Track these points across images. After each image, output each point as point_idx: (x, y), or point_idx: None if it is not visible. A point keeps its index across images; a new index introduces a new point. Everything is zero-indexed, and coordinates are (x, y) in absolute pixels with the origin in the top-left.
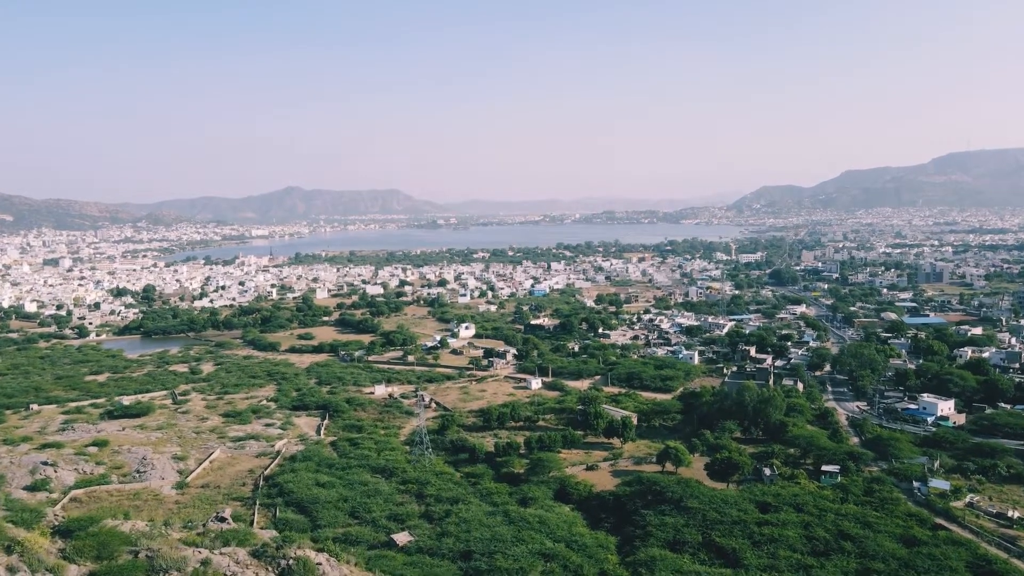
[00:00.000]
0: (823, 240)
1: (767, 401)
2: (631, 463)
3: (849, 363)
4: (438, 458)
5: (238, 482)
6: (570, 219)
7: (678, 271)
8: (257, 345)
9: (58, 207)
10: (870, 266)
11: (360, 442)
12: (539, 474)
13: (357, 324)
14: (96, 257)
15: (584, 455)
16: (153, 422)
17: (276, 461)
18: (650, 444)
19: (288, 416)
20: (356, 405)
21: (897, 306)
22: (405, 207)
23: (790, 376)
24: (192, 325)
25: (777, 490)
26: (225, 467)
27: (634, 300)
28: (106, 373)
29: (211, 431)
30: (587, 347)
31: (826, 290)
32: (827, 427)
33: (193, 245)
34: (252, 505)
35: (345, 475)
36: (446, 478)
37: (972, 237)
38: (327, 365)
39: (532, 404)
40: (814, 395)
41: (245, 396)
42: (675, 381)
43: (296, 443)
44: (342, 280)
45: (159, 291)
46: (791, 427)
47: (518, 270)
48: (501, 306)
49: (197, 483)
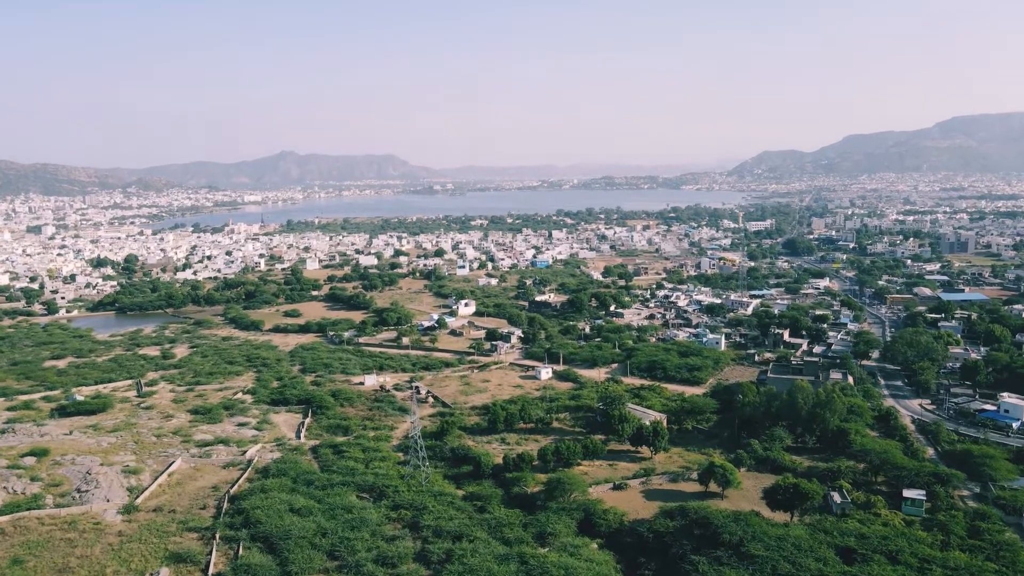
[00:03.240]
0: (830, 207)
1: (825, 404)
2: (666, 480)
3: (904, 352)
4: (436, 471)
5: (198, 503)
6: (568, 185)
7: (685, 240)
8: (239, 324)
9: (45, 172)
10: (887, 235)
11: (345, 449)
12: (558, 497)
13: (348, 300)
14: (82, 224)
15: (609, 469)
16: (110, 420)
17: (246, 475)
18: (685, 454)
19: (265, 413)
20: (343, 399)
21: (928, 279)
22: (401, 172)
23: (837, 368)
24: (171, 300)
25: (857, 527)
26: (185, 482)
27: (643, 272)
28: (69, 357)
29: (174, 433)
30: (600, 329)
31: (845, 261)
32: (892, 433)
33: (183, 212)
34: (211, 539)
35: (326, 497)
36: (446, 501)
37: (984, 204)
38: (313, 349)
39: (543, 401)
40: (871, 392)
41: (219, 387)
42: (703, 371)
43: (272, 449)
44: (334, 250)
45: (141, 261)
46: (853, 435)
47: (518, 239)
48: (502, 279)
49: (149, 505)
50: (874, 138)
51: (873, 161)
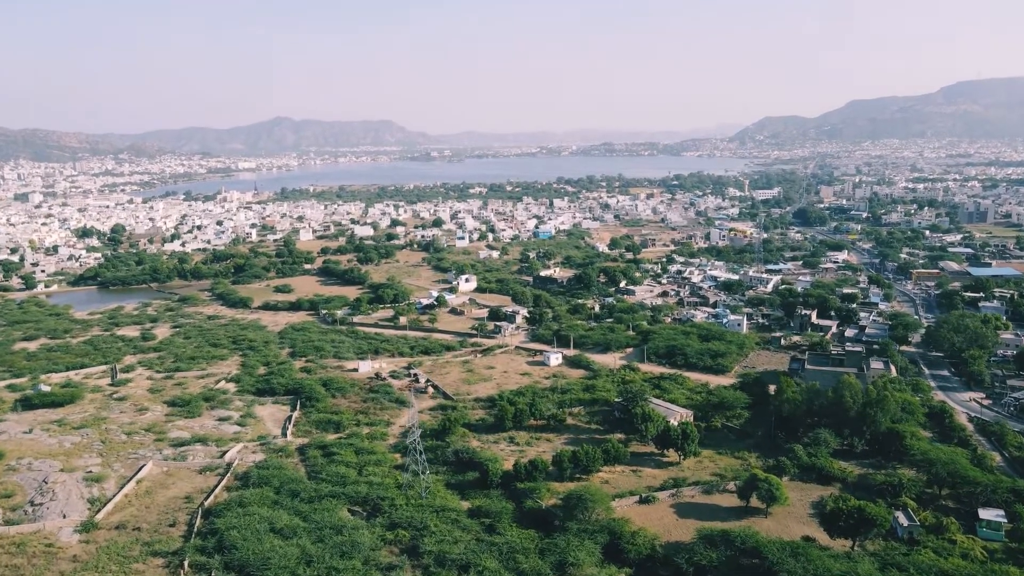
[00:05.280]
0: (836, 174)
1: (876, 403)
2: (699, 492)
3: (949, 337)
4: (437, 479)
5: (167, 518)
6: (567, 151)
7: (691, 209)
8: (226, 300)
9: (35, 137)
10: (900, 203)
11: (336, 451)
12: (578, 515)
13: (342, 274)
14: (71, 192)
15: (633, 476)
16: (77, 414)
17: (223, 482)
18: (717, 457)
19: (249, 405)
20: (335, 389)
21: (952, 252)
22: (398, 139)
23: (877, 356)
24: (155, 275)
25: (933, 560)
26: (155, 490)
27: (651, 244)
28: (42, 339)
29: (147, 430)
30: (611, 309)
31: (861, 232)
32: (948, 435)
33: (176, 179)
34: (178, 567)
35: (313, 512)
36: (450, 518)
37: (994, 171)
38: (304, 329)
39: (555, 392)
40: (920, 386)
41: (201, 374)
42: (727, 358)
43: (254, 449)
44: (329, 219)
45: (129, 231)
46: (908, 438)
47: (519, 207)
48: (504, 251)
49: (112, 520)
50: (878, 103)
51: (877, 127)
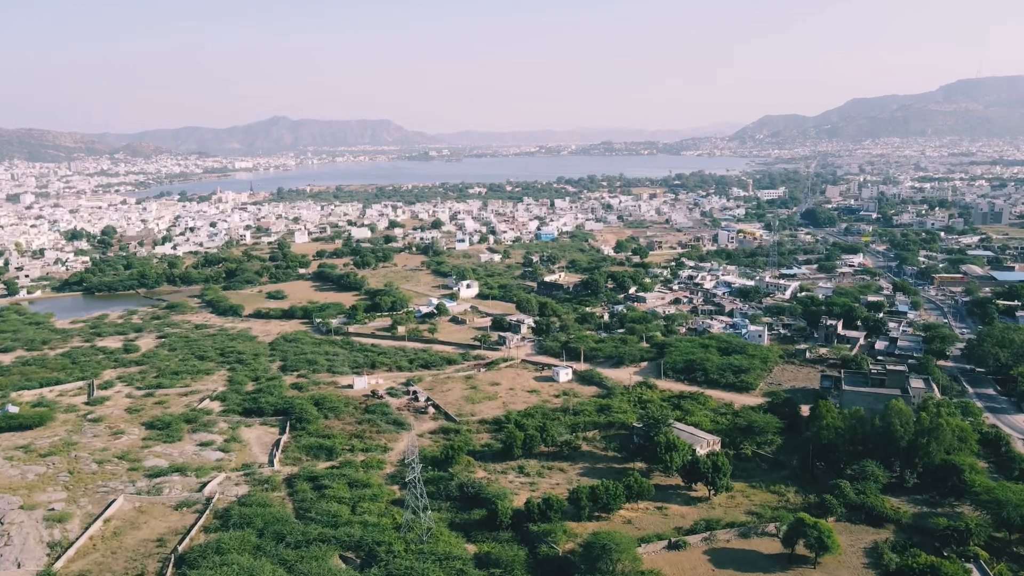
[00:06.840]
0: (838, 173)
1: (930, 432)
2: (735, 536)
3: (994, 352)
4: (440, 517)
5: (134, 567)
6: (567, 150)
7: (696, 210)
8: (216, 308)
9: (30, 137)
10: (909, 203)
11: (328, 484)
12: (601, 566)
13: (338, 279)
14: (64, 193)
15: (658, 515)
16: (47, 439)
17: (201, 522)
18: (750, 491)
19: (235, 427)
20: (327, 409)
21: (973, 256)
22: (396, 138)
23: (916, 373)
24: (143, 280)
25: None
26: (125, 531)
27: (657, 247)
28: (19, 350)
29: (121, 457)
30: (621, 318)
31: (873, 234)
32: (1007, 466)
33: (172, 179)
34: None
35: (299, 562)
36: (454, 568)
37: (1000, 169)
38: (296, 340)
39: (566, 414)
40: (971, 409)
41: (184, 390)
42: (751, 374)
43: (237, 481)
44: (325, 220)
45: (120, 233)
46: (967, 472)
47: (519, 208)
48: (506, 254)
49: (72, 570)
50: (878, 102)
51: (877, 125)
